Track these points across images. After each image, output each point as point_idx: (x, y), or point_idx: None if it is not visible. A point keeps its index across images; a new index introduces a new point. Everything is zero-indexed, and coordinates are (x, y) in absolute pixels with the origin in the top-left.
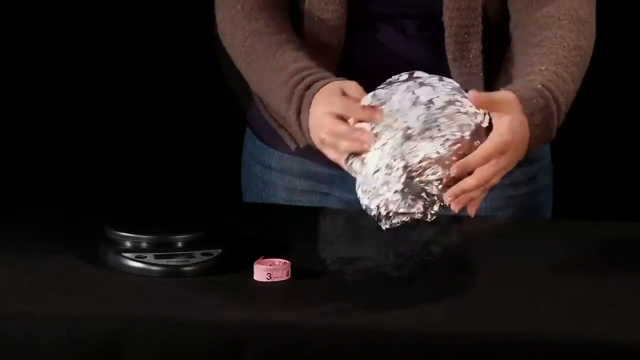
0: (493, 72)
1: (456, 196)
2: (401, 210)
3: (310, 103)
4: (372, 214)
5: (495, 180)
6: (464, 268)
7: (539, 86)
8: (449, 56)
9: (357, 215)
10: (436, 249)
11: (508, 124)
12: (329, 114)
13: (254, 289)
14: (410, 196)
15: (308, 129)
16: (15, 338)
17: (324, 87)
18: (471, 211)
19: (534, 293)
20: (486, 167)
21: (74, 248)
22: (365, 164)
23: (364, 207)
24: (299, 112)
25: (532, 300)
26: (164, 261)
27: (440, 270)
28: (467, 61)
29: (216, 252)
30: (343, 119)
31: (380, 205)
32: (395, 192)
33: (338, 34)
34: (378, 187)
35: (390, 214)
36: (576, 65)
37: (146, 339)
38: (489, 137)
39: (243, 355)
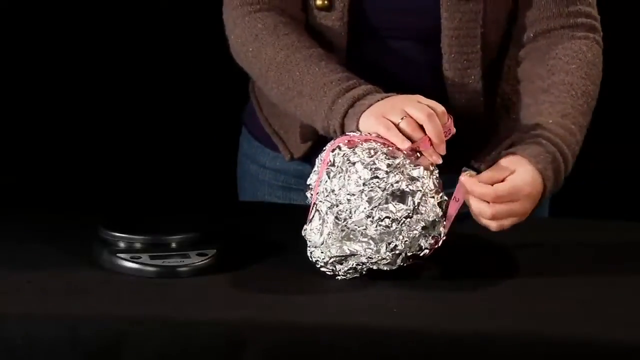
0: (494, 96)
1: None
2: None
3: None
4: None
5: (507, 223)
6: (463, 267)
7: (544, 141)
8: (448, 82)
9: None
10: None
11: (523, 176)
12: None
13: (252, 288)
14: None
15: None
16: (15, 338)
17: (389, 96)
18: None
19: (533, 292)
20: (491, 205)
21: (73, 248)
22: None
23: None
24: (348, 109)
25: (532, 300)
26: (159, 262)
27: (439, 270)
28: (467, 87)
29: (211, 252)
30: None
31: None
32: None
33: (340, 41)
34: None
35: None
36: (583, 114)
37: (146, 339)
38: (505, 180)
39: (243, 355)
